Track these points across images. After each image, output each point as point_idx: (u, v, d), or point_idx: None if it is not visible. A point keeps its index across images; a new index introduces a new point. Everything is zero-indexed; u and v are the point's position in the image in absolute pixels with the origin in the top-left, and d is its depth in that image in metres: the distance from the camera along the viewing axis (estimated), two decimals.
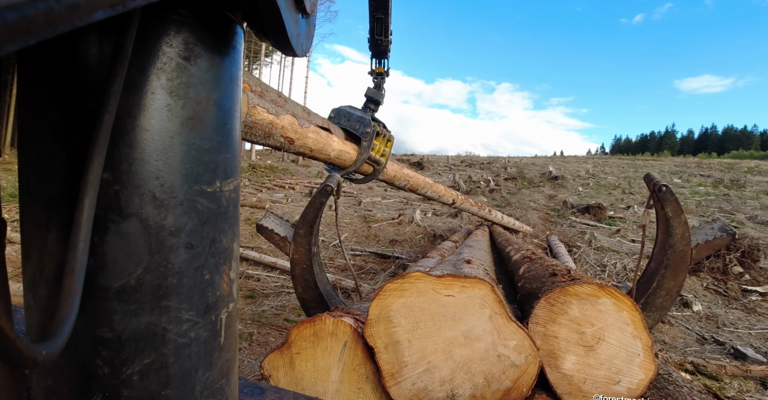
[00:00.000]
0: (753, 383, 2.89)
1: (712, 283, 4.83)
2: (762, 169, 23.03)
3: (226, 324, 0.55)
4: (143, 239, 0.45)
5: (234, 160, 0.56)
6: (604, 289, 1.23)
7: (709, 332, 3.71)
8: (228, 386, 0.57)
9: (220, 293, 0.54)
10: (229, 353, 0.57)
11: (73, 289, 0.37)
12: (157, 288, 0.47)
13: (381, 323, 1.29)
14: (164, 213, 0.47)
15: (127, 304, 0.45)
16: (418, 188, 3.66)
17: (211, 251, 0.52)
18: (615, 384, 1.20)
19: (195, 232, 0.50)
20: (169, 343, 0.48)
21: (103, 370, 0.45)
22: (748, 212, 10.86)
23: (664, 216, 2.16)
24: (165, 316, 0.48)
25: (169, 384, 0.48)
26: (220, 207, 0.53)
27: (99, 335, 0.45)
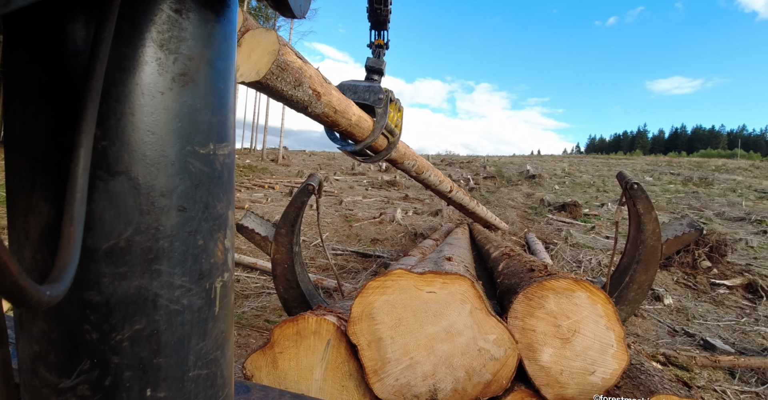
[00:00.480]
0: (722, 373, 3.02)
1: (682, 277, 5.02)
2: (729, 168, 24.04)
3: (221, 294, 0.54)
4: (133, 199, 0.44)
5: (228, 124, 0.54)
6: (579, 283, 1.27)
7: (679, 324, 3.86)
8: (223, 359, 0.56)
9: (215, 261, 0.52)
10: (224, 325, 0.55)
11: (73, 237, 0.37)
12: (147, 250, 0.45)
13: (364, 320, 1.30)
14: (155, 172, 0.45)
15: (116, 266, 0.44)
16: (423, 171, 3.56)
17: (204, 216, 0.50)
18: (590, 375, 1.24)
19: (187, 194, 0.48)
20: (160, 309, 0.47)
21: (91, 335, 0.44)
22: (715, 209, 11.33)
23: (636, 213, 2.24)
24: (156, 280, 0.46)
25: (160, 352, 0.47)
26: (213, 171, 0.51)
27: (87, 298, 0.43)
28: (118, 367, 0.45)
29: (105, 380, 0.44)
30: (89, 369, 0.44)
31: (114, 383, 0.44)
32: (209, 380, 0.53)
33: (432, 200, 11.01)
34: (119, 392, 0.45)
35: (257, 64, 1.44)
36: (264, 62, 1.43)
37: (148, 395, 0.46)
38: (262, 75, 1.45)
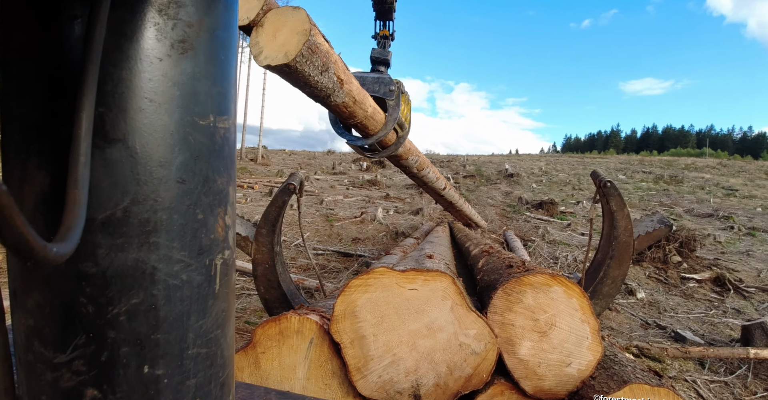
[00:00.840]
0: (692, 364, 3.14)
1: (654, 272, 5.20)
2: (697, 166, 24.96)
3: (222, 271, 0.53)
4: (130, 168, 0.43)
5: (229, 97, 0.53)
6: (555, 278, 1.32)
7: (651, 317, 4.00)
8: (224, 339, 0.54)
9: (215, 237, 0.51)
10: (225, 304, 0.54)
11: (78, 200, 0.36)
12: (145, 222, 0.44)
13: (347, 318, 1.31)
14: (153, 142, 0.44)
15: (112, 237, 0.43)
16: (424, 167, 3.46)
17: (204, 190, 0.49)
18: (566, 366, 1.29)
19: (186, 166, 0.47)
20: (158, 283, 0.45)
21: (87, 308, 0.43)
22: (685, 206, 11.76)
23: (609, 210, 2.32)
24: (154, 253, 0.45)
25: (159, 328, 0.46)
26: (214, 144, 0.50)
27: (83, 269, 0.42)
28: (114, 342, 0.44)
29: (101, 356, 0.43)
30: (85, 344, 0.43)
31: (110, 359, 0.44)
32: (209, 359, 0.52)
33: (413, 199, 11.07)
34: (116, 368, 0.44)
35: (285, 45, 1.36)
36: (294, 43, 1.35)
37: (145, 371, 0.45)
38: (291, 57, 1.35)
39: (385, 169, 18.92)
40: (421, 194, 11.83)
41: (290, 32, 1.36)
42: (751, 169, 25.44)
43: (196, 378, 0.50)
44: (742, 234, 8.38)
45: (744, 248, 7.13)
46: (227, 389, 0.56)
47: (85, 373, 0.43)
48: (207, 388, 0.51)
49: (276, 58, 1.37)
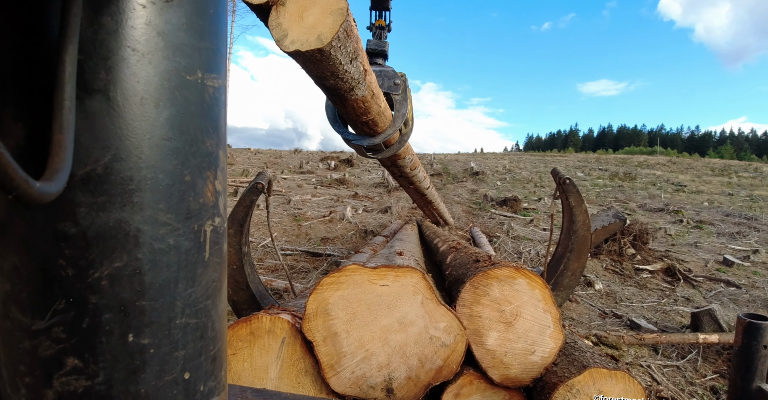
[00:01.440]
0: (646, 350, 3.33)
1: (611, 264, 5.47)
2: (649, 163, 26.37)
3: (212, 239, 0.51)
4: (111, 121, 0.40)
5: (218, 56, 0.51)
6: (519, 271, 1.38)
7: (609, 307, 4.21)
8: (215, 310, 0.52)
9: (204, 202, 0.49)
10: (215, 274, 0.52)
11: (64, 145, 0.35)
12: (128, 180, 0.41)
13: (319, 316, 1.32)
14: (136, 94, 0.41)
15: (93, 195, 0.40)
16: (417, 166, 3.41)
17: (192, 150, 0.47)
18: (531, 354, 1.35)
19: (172, 123, 0.44)
20: (143, 246, 0.43)
21: (66, 271, 0.40)
22: (638, 201, 12.40)
23: (568, 206, 2.43)
24: (138, 214, 0.42)
25: (144, 294, 0.43)
26: (202, 102, 0.48)
27: (61, 229, 0.40)
28: (96, 308, 0.41)
29: (82, 322, 0.41)
30: (65, 309, 0.41)
31: (92, 326, 0.41)
32: (199, 330, 0.49)
33: (381, 198, 11.12)
34: (98, 335, 0.42)
35: (317, 26, 1.20)
36: (328, 24, 1.20)
37: (130, 340, 0.43)
38: (327, 41, 1.19)
39: (354, 168, 18.89)
40: (389, 193, 11.90)
41: (322, 11, 1.22)
42: (699, 166, 27.17)
43: (185, 350, 0.48)
44: (691, 227, 8.94)
45: (692, 240, 7.62)
46: (219, 363, 0.54)
47: (66, 341, 0.41)
48: (197, 360, 0.49)
49: (307, 43, 1.22)
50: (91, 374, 0.41)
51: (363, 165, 20.39)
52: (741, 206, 12.08)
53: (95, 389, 0.42)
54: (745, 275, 5.46)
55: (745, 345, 1.44)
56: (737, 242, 7.58)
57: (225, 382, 0.56)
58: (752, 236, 8.09)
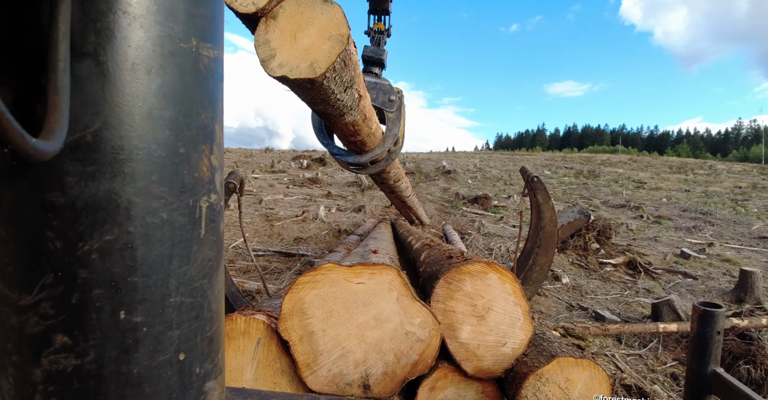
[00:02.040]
0: (611, 340, 3.48)
1: (576, 258, 5.67)
2: (612, 162, 27.45)
3: (208, 217, 0.49)
4: (101, 87, 0.39)
5: (214, 25, 0.49)
6: (491, 266, 1.42)
7: (575, 300, 4.37)
8: (211, 291, 0.50)
9: (199, 176, 0.47)
10: (212, 253, 0.50)
11: (60, 105, 0.34)
12: (119, 149, 0.40)
13: (295, 316, 1.32)
14: (127, 58, 0.40)
15: (82, 164, 0.38)
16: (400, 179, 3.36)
17: (186, 122, 0.45)
18: (502, 346, 1.40)
19: (165, 92, 0.43)
20: (134, 219, 0.41)
21: (54, 244, 0.39)
22: (602, 198, 12.90)
23: (536, 203, 2.51)
24: (129, 186, 0.41)
25: (136, 269, 0.42)
26: (197, 72, 0.47)
27: (48, 199, 0.38)
28: (86, 283, 0.40)
29: (71, 298, 0.39)
30: (53, 284, 0.39)
31: (82, 301, 0.40)
32: (194, 310, 0.48)
33: (354, 197, 11.10)
34: (88, 311, 0.40)
35: (311, 52, 1.06)
36: (324, 52, 1.06)
37: (121, 317, 0.41)
38: (320, 71, 1.05)
39: (326, 167, 18.77)
40: (362, 192, 11.90)
41: (319, 34, 1.08)
42: (657, 164, 28.51)
43: (180, 330, 0.46)
44: (650, 222, 9.37)
45: (652, 234, 7.99)
46: (216, 345, 0.52)
47: (54, 317, 0.39)
48: (193, 341, 0.48)
49: (297, 69, 1.08)
50: (81, 352, 0.40)
51: (336, 164, 20.28)
52: (697, 202, 12.77)
53: (85, 368, 0.40)
54: (701, 266, 5.78)
55: (701, 332, 1.53)
56: (693, 236, 8.00)
57: (222, 365, 0.54)
58: (707, 230, 8.56)
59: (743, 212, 11.26)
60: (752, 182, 18.91)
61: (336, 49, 1.10)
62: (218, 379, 0.52)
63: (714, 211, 10.99)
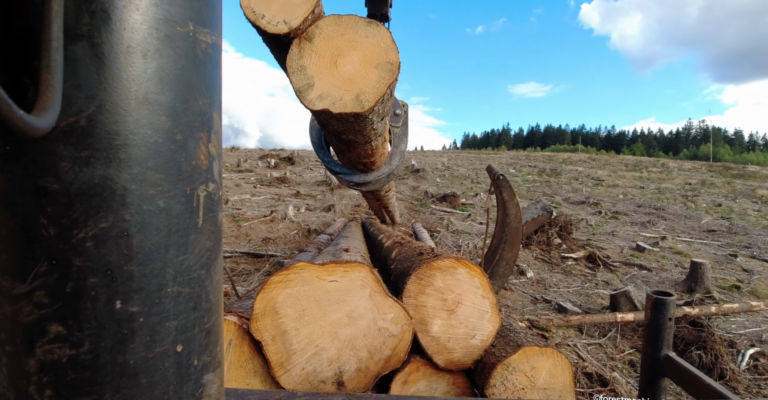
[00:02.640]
0: (573, 330, 3.64)
1: (540, 253, 5.88)
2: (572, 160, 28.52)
3: (206, 206, 0.48)
4: (96, 69, 0.38)
5: (212, 10, 0.48)
6: (460, 261, 1.47)
7: (539, 293, 4.53)
8: (209, 281, 0.50)
9: (197, 164, 0.47)
10: (210, 243, 0.49)
11: (52, 84, 0.33)
12: (114, 134, 0.39)
13: (267, 315, 1.32)
14: (121, 40, 0.39)
15: (76, 149, 0.37)
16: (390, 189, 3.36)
17: (183, 108, 0.44)
18: (471, 338, 1.45)
19: (161, 76, 0.42)
20: (130, 206, 0.40)
21: (48, 231, 0.38)
22: (563, 195, 13.39)
23: (502, 200, 2.59)
24: (125, 172, 0.40)
25: (132, 258, 0.41)
26: (194, 57, 0.46)
27: (42, 185, 0.37)
28: (81, 271, 0.39)
29: (66, 286, 0.39)
30: (47, 272, 0.38)
31: (76, 290, 0.39)
32: (192, 300, 0.47)
33: (324, 196, 11.03)
34: (83, 300, 0.39)
35: (357, 82, 0.95)
36: (372, 82, 0.95)
37: (117, 307, 0.41)
38: (369, 106, 0.94)
39: (295, 166, 18.54)
40: (332, 191, 11.84)
41: (365, 61, 0.97)
42: (614, 162, 29.87)
43: (178, 320, 0.45)
44: (608, 218, 9.81)
45: (610, 229, 8.38)
46: (214, 337, 0.51)
47: (48, 306, 0.38)
48: (190, 332, 0.47)
49: (342, 103, 0.96)
50: (76, 342, 0.39)
51: (305, 163, 20.08)
52: (651, 198, 13.49)
53: (80, 358, 0.39)
54: (655, 259, 6.12)
55: (654, 319, 1.64)
56: (648, 230, 8.45)
57: (221, 358, 0.53)
58: (660, 225, 9.06)
59: (693, 207, 12.00)
60: (701, 179, 20.18)
61: (385, 80, 0.99)
62: (217, 372, 0.52)
63: (666, 206, 11.65)
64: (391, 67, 0.99)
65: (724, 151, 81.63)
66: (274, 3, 0.98)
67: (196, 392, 0.48)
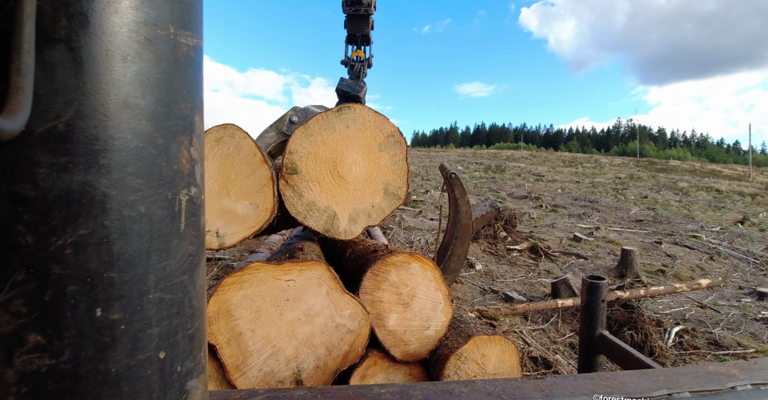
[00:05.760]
0: (519, 318, 3.84)
1: (487, 247, 6.13)
2: (515, 157, 29.86)
3: (188, 210, 0.47)
4: (74, 74, 0.37)
5: (192, 13, 0.47)
6: (413, 256, 1.52)
7: (487, 284, 4.73)
8: (192, 286, 0.49)
9: (179, 168, 0.45)
10: (193, 248, 0.48)
11: (22, 87, 0.32)
12: (93, 140, 0.38)
13: (221, 318, 1.30)
14: (100, 44, 0.38)
15: (54, 155, 0.36)
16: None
17: (164, 111, 0.43)
18: (426, 330, 1.51)
19: (142, 80, 0.41)
20: (110, 212, 0.39)
21: (26, 239, 0.36)
22: (508, 190, 14.01)
23: (454, 198, 2.69)
24: (105, 177, 0.39)
25: (112, 265, 0.40)
26: (175, 61, 0.44)
27: (19, 191, 0.36)
28: (60, 279, 0.38)
29: (44, 295, 0.37)
30: (25, 280, 0.37)
31: (56, 299, 0.38)
32: (175, 306, 0.46)
33: None
34: (62, 309, 0.38)
35: (376, 177, 0.86)
36: (389, 165, 0.84)
37: (98, 315, 0.40)
38: (404, 191, 0.83)
39: None
40: None
41: (367, 153, 0.89)
42: (553, 158, 31.66)
43: (160, 327, 0.44)
44: (548, 211, 10.40)
45: (550, 221, 8.89)
46: (198, 343, 0.51)
47: (26, 315, 0.37)
48: (173, 339, 0.46)
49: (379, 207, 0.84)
50: (56, 351, 0.38)
51: None
52: (585, 192, 14.45)
53: (60, 368, 0.38)
54: (590, 248, 6.58)
55: (589, 301, 1.79)
56: (583, 222, 9.06)
57: (205, 363, 0.52)
58: (594, 216, 9.74)
59: (623, 199, 13.01)
60: (630, 173, 21.91)
61: (400, 152, 0.83)
62: (201, 377, 0.51)
63: (599, 199, 12.54)
64: (397, 139, 0.89)
65: (649, 147, 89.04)
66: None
67: (180, 399, 0.47)
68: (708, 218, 10.23)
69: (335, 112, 0.91)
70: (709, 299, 4.48)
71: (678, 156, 69.01)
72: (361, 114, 0.91)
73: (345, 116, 0.90)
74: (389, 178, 0.86)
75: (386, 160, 0.88)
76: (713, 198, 14.51)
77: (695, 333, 3.63)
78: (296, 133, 0.92)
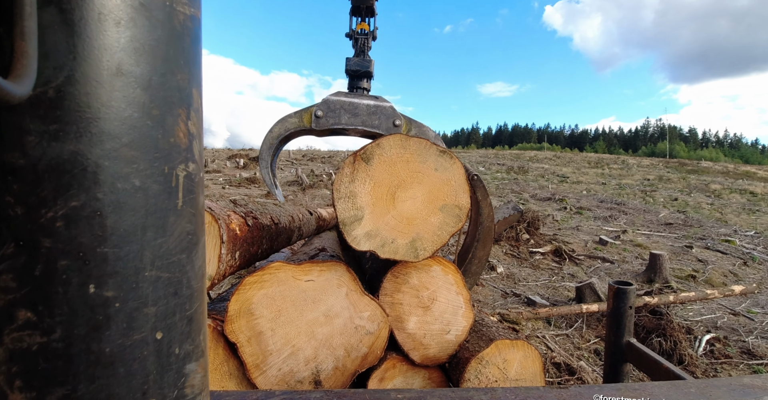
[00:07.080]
0: (541, 322, 3.76)
1: (509, 249, 6.03)
2: (539, 158, 29.35)
3: (186, 187, 0.45)
4: (65, 38, 0.35)
5: None
6: (435, 259, 1.50)
7: (509, 287, 4.65)
8: (190, 266, 0.47)
9: (175, 142, 0.44)
10: (191, 226, 0.46)
11: (27, 51, 0.31)
12: (85, 107, 0.36)
13: (242, 317, 1.31)
14: (92, 7, 0.36)
15: (44, 122, 0.35)
16: None
17: (160, 81, 0.42)
18: (446, 334, 1.48)
19: (136, 47, 0.39)
20: (103, 184, 0.38)
21: (15, 210, 0.35)
22: (530, 191, 13.76)
23: (476, 199, 2.65)
24: (98, 147, 0.37)
25: (106, 239, 0.38)
26: (171, 29, 0.43)
27: (8, 160, 0.35)
28: (50, 253, 0.36)
29: (35, 269, 0.36)
30: (14, 254, 0.36)
31: (46, 273, 0.36)
32: (172, 286, 0.44)
33: (296, 197, 10.91)
34: (53, 284, 0.37)
35: (415, 225, 0.80)
36: (432, 229, 0.80)
37: (91, 291, 0.38)
38: (422, 255, 0.79)
39: None
40: (303, 191, 11.72)
41: (429, 200, 0.81)
42: (578, 159, 30.97)
43: (157, 307, 0.43)
44: (573, 213, 10.17)
45: (574, 224, 8.68)
46: (196, 325, 0.49)
47: (16, 290, 0.36)
48: (171, 319, 0.44)
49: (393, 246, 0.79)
50: (47, 329, 0.37)
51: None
52: (612, 193, 14.07)
53: (51, 347, 0.37)
54: (617, 251, 6.40)
55: (615, 308, 1.73)
56: (610, 224, 8.82)
57: (205, 347, 0.50)
58: (621, 219, 9.47)
59: (651, 201, 12.61)
60: (659, 175, 21.22)
61: (449, 227, 0.79)
62: (200, 361, 0.49)
63: (627, 201, 12.18)
64: (458, 213, 0.81)
65: (679, 148, 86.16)
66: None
67: (178, 382, 0.45)
68: (742, 221, 9.81)
69: (439, 151, 0.80)
70: (742, 306, 4.29)
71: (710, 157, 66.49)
72: (455, 170, 0.83)
73: (442, 161, 0.81)
74: (425, 235, 0.81)
75: (437, 220, 0.81)
76: (747, 201, 13.90)
77: (727, 341, 3.48)
78: (394, 138, 0.83)
